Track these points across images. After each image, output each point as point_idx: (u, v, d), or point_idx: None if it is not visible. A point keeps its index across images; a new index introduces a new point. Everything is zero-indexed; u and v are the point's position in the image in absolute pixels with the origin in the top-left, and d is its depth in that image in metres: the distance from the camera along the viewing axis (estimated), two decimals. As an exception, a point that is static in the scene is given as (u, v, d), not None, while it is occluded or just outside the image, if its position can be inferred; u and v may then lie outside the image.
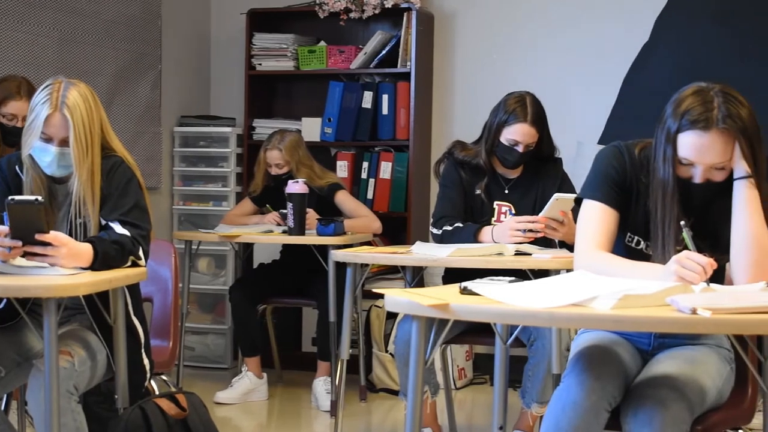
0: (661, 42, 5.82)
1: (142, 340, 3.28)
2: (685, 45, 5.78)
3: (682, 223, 2.61)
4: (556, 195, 3.89)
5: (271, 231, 5.14)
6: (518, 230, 3.92)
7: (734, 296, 2.27)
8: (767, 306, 2.15)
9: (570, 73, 5.95)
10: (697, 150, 2.63)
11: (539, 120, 4.16)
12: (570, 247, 3.79)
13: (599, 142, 5.75)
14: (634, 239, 2.83)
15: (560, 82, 5.92)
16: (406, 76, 5.88)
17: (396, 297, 2.40)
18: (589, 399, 2.49)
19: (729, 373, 2.79)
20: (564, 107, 5.78)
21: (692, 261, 2.49)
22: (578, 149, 5.58)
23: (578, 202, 2.86)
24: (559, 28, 5.97)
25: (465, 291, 2.45)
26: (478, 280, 2.54)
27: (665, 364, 2.68)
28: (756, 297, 2.24)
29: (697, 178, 2.67)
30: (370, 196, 5.90)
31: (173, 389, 3.52)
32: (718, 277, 2.73)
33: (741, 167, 2.65)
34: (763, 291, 2.42)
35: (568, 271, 3.39)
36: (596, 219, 2.78)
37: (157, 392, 3.47)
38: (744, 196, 2.65)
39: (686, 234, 2.59)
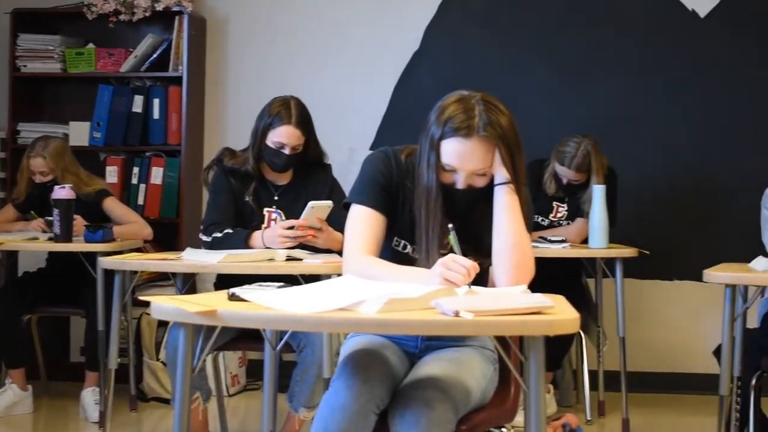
0: (430, 50, 5.95)
1: None
2: (454, 53, 5.94)
3: (450, 226, 2.67)
4: (311, 203, 3.94)
5: (37, 238, 4.97)
6: (287, 236, 3.94)
7: (496, 299, 2.33)
8: (527, 308, 2.22)
9: (343, 80, 6.01)
10: (459, 157, 2.70)
11: (304, 122, 4.18)
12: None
13: (371, 148, 5.83)
14: (400, 243, 2.87)
15: (334, 89, 5.97)
16: (177, 80, 5.81)
17: (162, 304, 2.36)
18: (357, 402, 2.51)
19: (492, 373, 2.87)
20: (337, 113, 5.85)
21: (457, 264, 2.55)
22: (350, 155, 5.63)
23: (347, 207, 2.88)
24: (332, 35, 6.03)
25: (233, 297, 2.42)
26: (246, 286, 2.53)
27: (431, 366, 2.72)
28: (517, 299, 2.31)
29: (460, 184, 2.74)
30: (140, 201, 5.80)
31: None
32: (482, 280, 2.80)
33: (501, 173, 2.73)
34: (525, 294, 2.50)
35: (338, 275, 3.42)
36: (363, 223, 2.81)
37: None
38: (504, 202, 2.74)
39: (452, 237, 2.65)
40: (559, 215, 5.21)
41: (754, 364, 3.81)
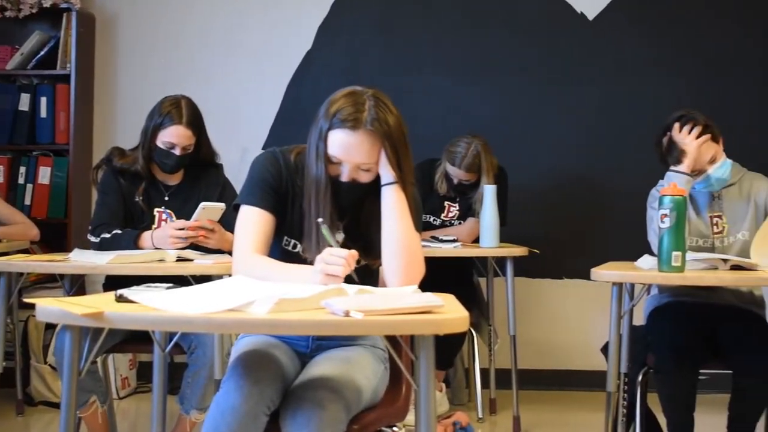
0: (323, 49, 5.95)
1: None
2: (346, 53, 5.95)
3: (320, 220, 2.69)
4: (203, 204, 3.91)
5: None
6: (178, 236, 3.90)
7: (386, 298, 2.33)
8: (417, 307, 2.23)
9: (236, 79, 5.98)
10: (345, 148, 2.71)
11: (195, 122, 4.14)
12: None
13: (263, 148, 5.81)
14: (290, 242, 2.87)
15: (226, 88, 5.94)
16: (65, 78, 5.71)
17: (48, 306, 2.31)
18: (247, 403, 2.49)
19: (383, 372, 2.88)
20: (229, 113, 5.82)
21: (334, 256, 2.56)
22: (243, 155, 5.60)
23: (237, 208, 2.87)
24: (224, 34, 5.99)
25: (121, 299, 2.39)
26: (134, 288, 2.49)
27: (322, 366, 2.72)
28: (407, 299, 2.32)
29: (344, 177, 2.75)
30: (27, 201, 5.69)
31: None
32: (373, 279, 2.81)
33: (387, 173, 2.75)
34: (415, 293, 2.51)
35: (229, 275, 3.39)
36: (253, 223, 2.80)
37: None
38: (391, 202, 2.75)
39: (324, 229, 2.67)
40: (450, 215, 5.25)
41: (641, 360, 3.88)
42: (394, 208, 2.74)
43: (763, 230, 3.64)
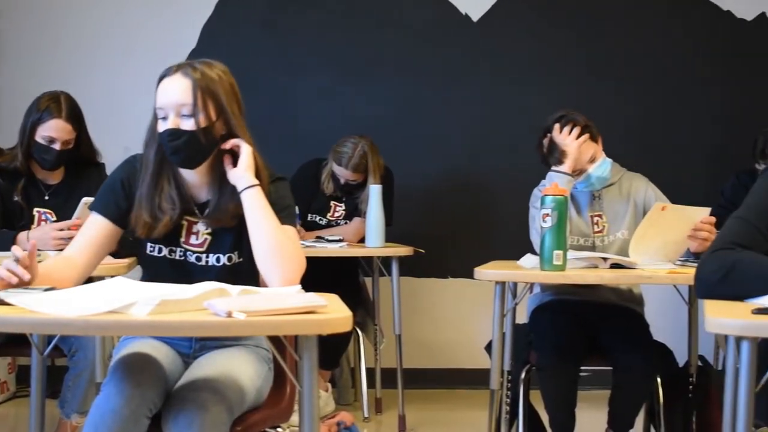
0: (208, 48, 5.89)
1: None
2: (231, 52, 5.90)
3: (85, 200, 2.71)
4: (85, 199, 3.84)
5: None
6: (61, 237, 3.82)
7: (269, 299, 2.32)
8: (300, 307, 2.23)
9: (118, 77, 5.89)
10: (162, 91, 2.75)
11: (75, 117, 4.08)
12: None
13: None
14: (155, 248, 2.85)
15: (109, 86, 5.85)
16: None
17: None
18: (128, 406, 2.46)
19: (267, 372, 2.87)
20: (112, 111, 5.73)
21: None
22: (125, 155, 5.47)
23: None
24: (108, 31, 5.91)
25: (-2, 301, 2.33)
26: (11, 290, 2.43)
27: (205, 367, 2.70)
28: (289, 299, 2.31)
29: (167, 124, 2.73)
30: None
31: None
32: (255, 280, 2.79)
33: (242, 180, 2.75)
34: (298, 293, 2.51)
35: (111, 277, 3.34)
36: (85, 227, 2.84)
37: None
38: (252, 206, 2.73)
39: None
40: (336, 215, 5.25)
41: (523, 358, 3.94)
42: (255, 211, 2.72)
43: (641, 229, 3.72)
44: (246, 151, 2.74)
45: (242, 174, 2.74)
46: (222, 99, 2.73)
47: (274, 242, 2.68)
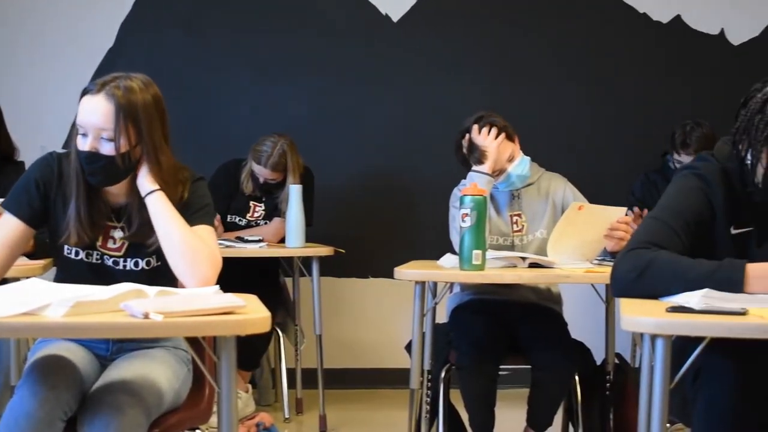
0: (126, 47, 5.84)
1: None
2: (149, 51, 5.85)
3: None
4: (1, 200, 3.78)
5: None
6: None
7: (187, 300, 2.30)
8: (218, 308, 2.21)
9: (36, 76, 5.82)
10: (84, 111, 2.71)
11: None
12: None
13: (64, 146, 5.65)
14: (72, 250, 2.82)
15: (27, 84, 5.78)
16: None
17: None
18: (42, 409, 2.42)
19: (186, 374, 2.84)
20: (30, 110, 5.66)
21: None
22: (41, 153, 5.42)
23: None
24: (25, 29, 5.82)
25: None
26: None
27: (122, 369, 2.67)
28: (207, 300, 2.29)
29: (86, 145, 2.72)
30: None
31: None
32: (171, 281, 2.77)
33: (144, 185, 2.75)
34: (216, 294, 2.49)
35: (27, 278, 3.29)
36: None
37: None
38: (157, 210, 2.73)
39: None
40: (256, 215, 5.23)
41: (443, 357, 3.95)
42: (159, 216, 2.72)
43: (558, 228, 3.76)
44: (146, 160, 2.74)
45: (141, 182, 2.75)
46: (142, 124, 2.70)
47: (183, 244, 2.68)
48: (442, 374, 3.93)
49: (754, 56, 6.02)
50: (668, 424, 2.56)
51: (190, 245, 2.67)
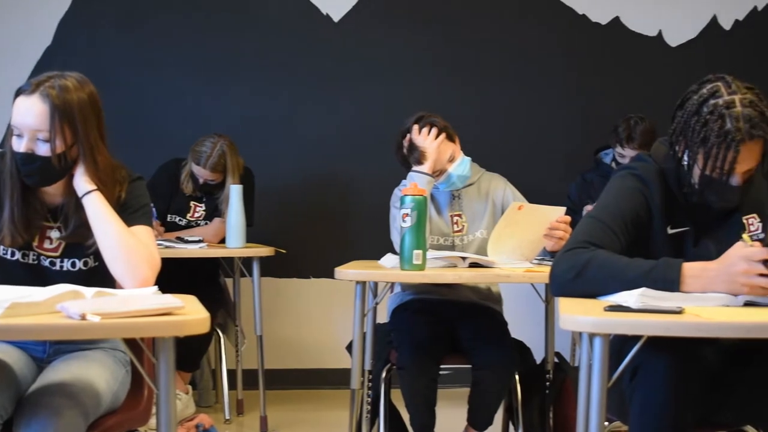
0: (64, 45, 5.78)
1: None
2: (88, 49, 5.80)
3: None
4: None
5: None
6: None
7: (124, 301, 2.28)
8: (156, 309, 2.19)
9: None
10: (18, 111, 2.68)
11: None
12: None
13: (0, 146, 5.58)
14: (8, 251, 2.79)
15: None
16: None
17: None
18: (-24, 413, 2.39)
19: (124, 375, 2.82)
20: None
21: None
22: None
23: None
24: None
25: None
26: None
27: (60, 371, 2.64)
28: (145, 301, 2.27)
29: (21, 147, 2.69)
30: None
31: None
32: (110, 282, 2.74)
33: (80, 185, 2.73)
34: (155, 295, 2.47)
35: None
36: None
37: None
38: (93, 211, 2.72)
39: None
40: (196, 215, 5.19)
41: (384, 357, 3.96)
42: (96, 217, 2.71)
43: (498, 228, 3.78)
44: (82, 160, 2.72)
45: (78, 182, 2.73)
46: (78, 123, 2.68)
47: (120, 245, 2.66)
48: (383, 374, 3.94)
49: (690, 58, 6.10)
50: (606, 422, 2.59)
51: (127, 246, 2.66)
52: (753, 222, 2.74)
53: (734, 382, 2.64)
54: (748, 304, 2.42)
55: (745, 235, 2.53)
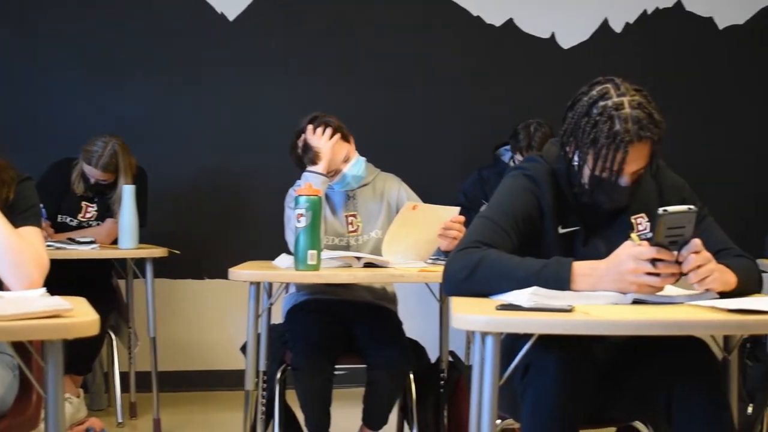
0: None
1: None
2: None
3: None
4: None
5: None
6: None
7: (10, 303, 2.23)
8: (43, 311, 2.14)
9: None
10: None
11: None
12: None
13: None
14: None
15: None
16: None
17: None
18: None
19: (12, 380, 2.76)
20: None
21: None
22: None
23: None
24: None
25: None
26: None
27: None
28: (32, 303, 2.22)
29: None
30: None
31: None
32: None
33: None
34: (42, 297, 2.42)
35: None
36: None
37: None
38: None
39: None
40: (88, 215, 5.11)
41: (279, 358, 3.94)
42: None
43: (392, 228, 3.80)
44: None
45: None
46: None
47: (6, 246, 2.61)
48: (278, 375, 3.93)
49: (582, 60, 6.20)
50: (498, 420, 2.62)
51: (14, 247, 2.60)
52: (641, 222, 2.79)
53: (623, 379, 2.68)
54: (636, 302, 2.47)
55: (633, 235, 2.58)
